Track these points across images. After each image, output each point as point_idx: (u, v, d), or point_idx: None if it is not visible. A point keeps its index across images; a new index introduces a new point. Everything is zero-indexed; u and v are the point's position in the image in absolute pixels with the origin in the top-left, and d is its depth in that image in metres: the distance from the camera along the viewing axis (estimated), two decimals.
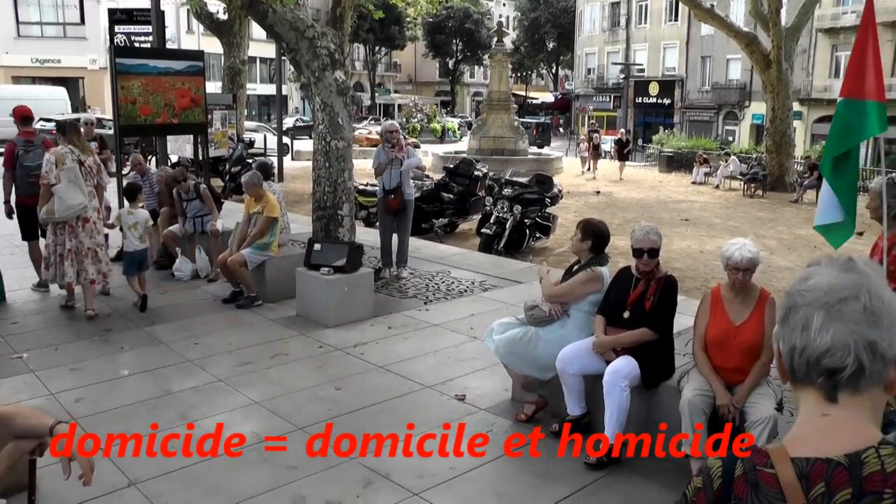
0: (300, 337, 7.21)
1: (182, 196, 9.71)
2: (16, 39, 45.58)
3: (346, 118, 8.68)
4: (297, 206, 15.70)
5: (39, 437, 2.89)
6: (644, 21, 53.98)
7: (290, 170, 24.31)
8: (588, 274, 5.18)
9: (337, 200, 8.60)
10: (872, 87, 4.80)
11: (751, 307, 4.43)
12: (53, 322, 7.59)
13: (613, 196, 22.22)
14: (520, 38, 69.80)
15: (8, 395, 5.59)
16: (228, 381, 6.02)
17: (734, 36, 26.06)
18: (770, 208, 21.14)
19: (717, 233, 15.69)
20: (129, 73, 10.76)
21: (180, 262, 9.46)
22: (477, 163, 16.72)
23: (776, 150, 25.60)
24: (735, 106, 47.22)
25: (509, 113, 29.67)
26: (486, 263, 10.63)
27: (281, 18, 8.35)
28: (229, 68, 24.78)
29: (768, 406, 4.22)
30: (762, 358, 4.37)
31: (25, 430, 2.89)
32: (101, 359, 6.51)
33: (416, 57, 73.25)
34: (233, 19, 24.33)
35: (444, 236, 14.21)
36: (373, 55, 66.54)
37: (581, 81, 61.31)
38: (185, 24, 47.30)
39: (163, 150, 13.76)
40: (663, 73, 52.40)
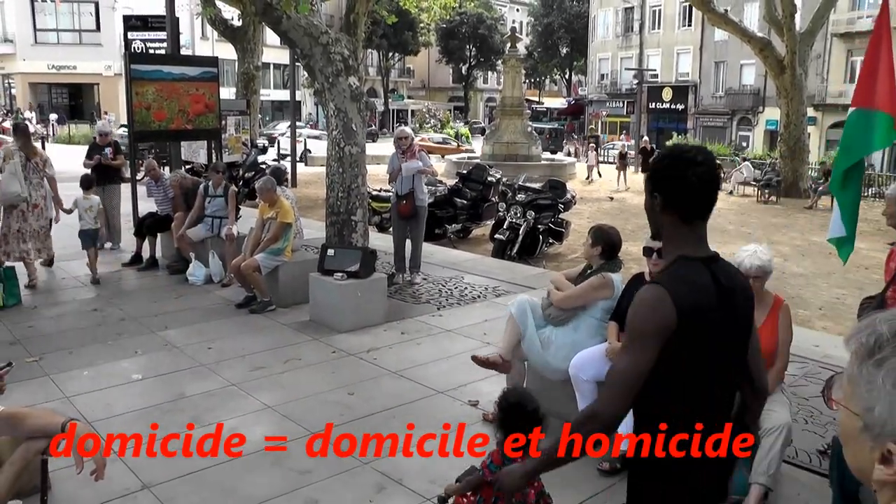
0: (313, 342, 7.22)
1: (209, 191, 9.73)
2: (33, 46, 46.01)
3: (360, 124, 8.70)
4: (310, 212, 15.74)
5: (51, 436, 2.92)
6: (657, 26, 53.90)
7: (303, 175, 24.39)
8: (598, 280, 5.16)
9: (350, 206, 8.62)
10: (884, 98, 4.75)
11: (765, 314, 4.40)
12: (68, 325, 7.63)
13: (626, 202, 22.18)
14: (533, 43, 69.80)
15: (23, 398, 5.62)
16: (241, 386, 6.03)
17: (748, 41, 25.98)
18: (784, 214, 21.05)
19: (731, 239, 15.62)
20: (143, 78, 10.84)
21: (194, 267, 9.49)
22: (490, 168, 16.72)
23: (790, 155, 25.48)
24: (749, 111, 47.06)
25: (522, 118, 29.68)
26: (499, 269, 10.62)
27: (295, 24, 8.38)
28: (243, 74, 24.91)
29: (783, 413, 4.20)
30: (776, 365, 4.34)
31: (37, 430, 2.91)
32: (115, 362, 6.54)
33: (430, 62, 73.37)
34: (247, 25, 24.48)
35: (458, 242, 14.21)
36: (386, 61, 66.70)
37: (594, 87, 61.24)
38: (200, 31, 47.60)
39: (177, 155, 13.84)
40: (677, 78, 52.29)
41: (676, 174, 2.24)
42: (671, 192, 2.26)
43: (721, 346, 2.25)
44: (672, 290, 2.16)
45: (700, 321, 2.17)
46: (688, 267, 2.24)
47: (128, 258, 10.50)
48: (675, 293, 2.15)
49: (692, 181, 2.21)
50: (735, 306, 2.28)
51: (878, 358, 1.12)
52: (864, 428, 1.13)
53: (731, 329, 2.27)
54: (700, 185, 2.22)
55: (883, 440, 1.11)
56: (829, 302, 10.44)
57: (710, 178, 2.24)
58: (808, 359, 6.42)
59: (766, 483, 4.10)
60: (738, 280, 2.37)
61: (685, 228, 2.28)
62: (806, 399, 5.63)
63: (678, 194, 2.24)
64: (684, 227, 2.28)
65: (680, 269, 2.25)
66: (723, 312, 2.22)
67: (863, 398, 1.14)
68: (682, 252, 2.27)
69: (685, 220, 2.27)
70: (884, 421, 1.10)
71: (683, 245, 2.28)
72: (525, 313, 5.29)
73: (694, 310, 2.16)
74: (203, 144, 15.12)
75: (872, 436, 1.12)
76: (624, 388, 2.18)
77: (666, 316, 2.13)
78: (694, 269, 2.24)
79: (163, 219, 10.34)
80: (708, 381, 2.26)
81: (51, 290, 9.01)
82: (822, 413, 5.39)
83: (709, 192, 2.26)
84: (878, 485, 1.13)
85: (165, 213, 10.38)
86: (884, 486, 1.13)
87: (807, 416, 5.38)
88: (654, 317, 2.15)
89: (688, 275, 2.23)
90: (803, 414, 5.37)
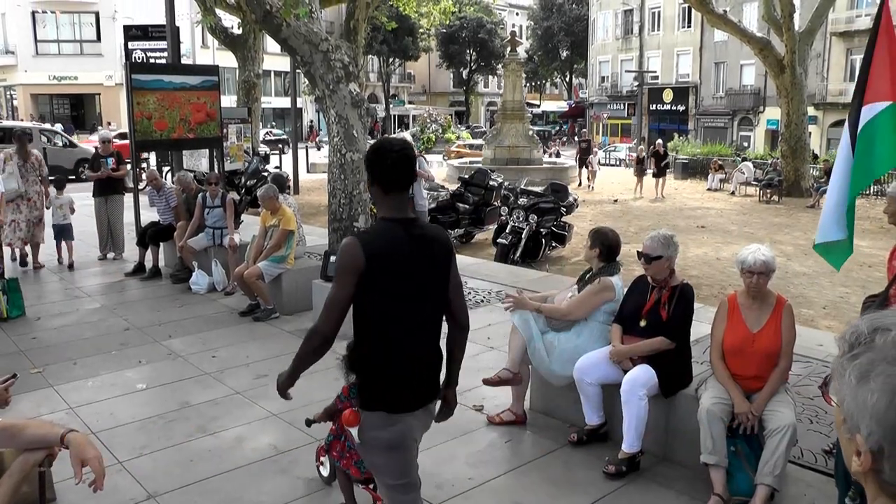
0: None
1: (207, 202, 9.75)
2: (34, 57, 46.13)
3: (361, 130, 8.71)
4: (312, 219, 15.76)
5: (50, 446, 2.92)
6: (657, 28, 53.95)
7: (305, 182, 24.41)
8: (597, 285, 5.17)
9: (353, 212, 8.63)
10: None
11: (768, 314, 4.40)
12: (71, 336, 7.65)
13: (629, 204, 22.18)
14: (533, 47, 69.84)
15: (28, 409, 5.63)
16: (246, 394, 6.04)
17: (748, 41, 25.99)
18: (786, 214, 21.02)
19: (734, 239, 15.61)
20: (144, 88, 10.85)
21: (197, 276, 9.50)
22: (492, 172, 16.73)
23: (791, 155, 25.45)
24: (749, 111, 47.07)
25: (524, 122, 29.67)
26: (502, 273, 10.62)
27: (295, 32, 8.40)
28: (244, 82, 24.94)
29: (788, 414, 4.19)
30: (780, 365, 4.34)
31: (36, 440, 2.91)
32: (119, 372, 6.55)
33: (430, 67, 73.42)
34: (247, 34, 24.51)
35: (460, 246, 14.21)
36: (387, 66, 66.75)
37: (595, 89, 61.30)
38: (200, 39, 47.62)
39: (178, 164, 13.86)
40: (677, 79, 52.32)
41: (378, 158, 3.02)
42: (374, 171, 3.03)
43: (417, 281, 3.02)
44: (362, 240, 2.97)
45: (387, 262, 2.94)
46: (384, 225, 3.05)
47: (131, 268, 10.51)
48: (364, 242, 2.95)
49: (387, 163, 2.99)
50: (433, 254, 3.09)
51: (853, 353, 1.17)
52: (844, 420, 1.18)
53: (427, 269, 3.07)
54: (394, 165, 3.00)
55: (853, 432, 1.15)
56: (833, 301, 10.42)
57: (402, 160, 3.00)
58: (812, 358, 6.41)
59: (771, 483, 4.10)
60: (437, 235, 3.21)
61: (387, 198, 3.05)
62: (811, 399, 5.62)
63: (379, 173, 3.02)
64: (386, 197, 3.05)
65: (378, 226, 3.10)
66: (417, 257, 3.00)
67: (838, 392, 1.19)
68: (384, 215, 3.07)
69: (386, 191, 3.04)
70: (851, 413, 1.15)
71: (386, 210, 3.06)
72: (528, 322, 5.29)
73: (381, 254, 2.93)
74: (205, 153, 15.15)
75: (847, 428, 1.17)
76: (333, 311, 2.95)
77: (356, 258, 2.91)
78: (389, 227, 3.03)
79: (165, 228, 10.36)
80: (406, 304, 3.02)
81: (54, 301, 9.02)
82: (826, 413, 5.38)
83: (402, 171, 3.01)
84: (857, 476, 1.18)
85: (168, 223, 10.40)
86: (865, 479, 1.16)
87: (811, 415, 5.37)
88: (346, 259, 2.94)
89: (382, 230, 3.04)
90: (808, 414, 5.36)
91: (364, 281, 2.92)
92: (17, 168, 10.39)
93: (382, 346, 3.03)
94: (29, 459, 2.90)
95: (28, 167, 10.59)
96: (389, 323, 3.01)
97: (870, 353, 1.14)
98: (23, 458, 2.90)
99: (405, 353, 3.04)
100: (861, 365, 1.14)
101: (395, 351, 3.02)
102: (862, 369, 1.14)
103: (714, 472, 4.27)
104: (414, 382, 3.10)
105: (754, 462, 4.22)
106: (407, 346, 3.05)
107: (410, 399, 3.09)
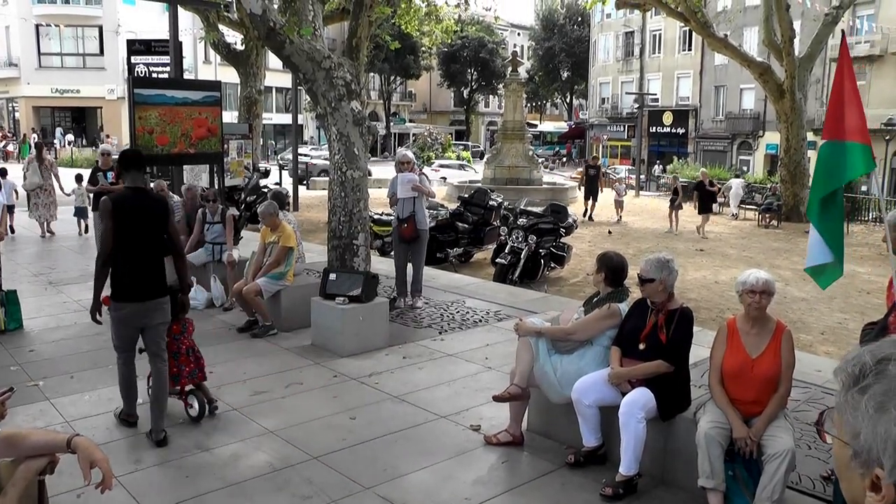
0: (315, 366, 7.21)
1: (207, 217, 9.75)
2: (37, 70, 46.33)
3: (362, 148, 8.74)
4: (312, 236, 15.77)
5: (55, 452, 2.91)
6: (658, 51, 54.26)
7: (305, 199, 24.44)
8: (605, 310, 5.15)
9: (352, 230, 8.64)
10: (853, 128, 4.80)
11: (767, 339, 4.40)
12: (69, 350, 7.63)
13: (629, 226, 22.20)
14: (534, 67, 70.16)
15: (24, 422, 5.61)
16: (243, 410, 6.02)
17: (748, 65, 26.14)
18: (785, 238, 21.06)
19: (732, 263, 15.64)
20: (146, 103, 10.86)
21: (195, 291, 9.47)
22: (492, 192, 16.76)
23: (790, 180, 25.54)
24: (749, 135, 47.26)
25: (524, 142, 29.76)
26: (500, 293, 10.62)
27: (298, 49, 8.44)
28: (246, 98, 25.04)
29: (786, 439, 4.18)
30: (780, 390, 4.34)
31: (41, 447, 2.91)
32: (116, 387, 6.50)
33: (431, 86, 73.71)
34: (249, 50, 24.64)
35: (459, 266, 14.22)
36: (388, 84, 67.01)
37: (595, 111, 61.55)
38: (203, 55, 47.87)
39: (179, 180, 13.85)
40: (677, 102, 52.58)
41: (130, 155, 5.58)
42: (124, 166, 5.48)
43: (141, 226, 5.31)
44: (111, 198, 5.29)
45: (122, 210, 5.21)
46: (128, 191, 5.38)
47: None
48: (112, 199, 5.28)
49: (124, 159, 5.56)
50: (151, 209, 5.40)
51: (862, 385, 1.16)
52: (854, 455, 1.16)
53: (148, 219, 5.36)
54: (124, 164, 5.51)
55: (871, 466, 1.13)
56: (831, 327, 10.42)
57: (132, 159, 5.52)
58: (810, 384, 6.40)
59: None
60: (156, 200, 5.60)
61: (126, 176, 5.41)
62: (809, 424, 5.60)
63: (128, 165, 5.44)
64: (126, 175, 5.41)
65: (125, 191, 5.40)
66: (140, 210, 5.31)
67: (850, 425, 1.17)
68: (128, 185, 5.40)
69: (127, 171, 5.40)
70: (869, 446, 1.13)
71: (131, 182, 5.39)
72: (536, 342, 5.28)
73: (118, 206, 5.22)
74: (205, 168, 15.17)
75: (861, 462, 1.15)
76: (105, 241, 5.27)
77: (106, 207, 5.20)
78: (130, 192, 5.36)
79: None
80: (136, 241, 5.29)
81: (52, 315, 9.00)
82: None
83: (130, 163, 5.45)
84: None
85: None
86: None
87: (810, 441, 5.35)
88: (104, 207, 5.23)
89: (125, 194, 5.38)
90: (807, 439, 5.34)
91: (115, 220, 5.18)
92: (37, 167, 15.22)
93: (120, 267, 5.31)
94: (31, 467, 2.90)
95: (44, 168, 15.35)
96: (125, 252, 5.25)
97: (881, 383, 1.13)
98: (25, 466, 2.90)
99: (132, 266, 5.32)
100: (875, 395, 1.13)
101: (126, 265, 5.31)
102: (878, 400, 1.13)
103: (712, 496, 4.25)
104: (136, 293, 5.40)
105: (752, 487, 4.21)
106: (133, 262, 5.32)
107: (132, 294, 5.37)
